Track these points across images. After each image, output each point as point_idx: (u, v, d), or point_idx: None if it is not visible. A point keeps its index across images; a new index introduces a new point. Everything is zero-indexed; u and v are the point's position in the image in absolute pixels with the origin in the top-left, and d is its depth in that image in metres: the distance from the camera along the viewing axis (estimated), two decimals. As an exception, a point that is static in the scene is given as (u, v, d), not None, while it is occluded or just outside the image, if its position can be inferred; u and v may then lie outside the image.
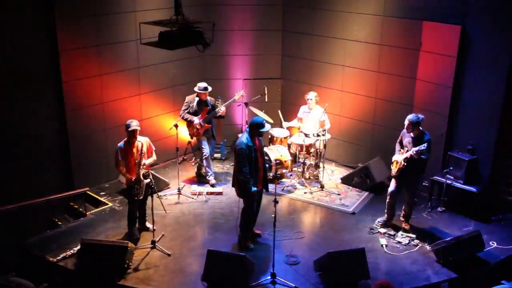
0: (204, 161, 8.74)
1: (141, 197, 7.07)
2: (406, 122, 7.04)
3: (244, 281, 6.12)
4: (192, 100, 8.55)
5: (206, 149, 8.67)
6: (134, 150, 6.94)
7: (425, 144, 6.83)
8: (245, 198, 6.90)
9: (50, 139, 7.91)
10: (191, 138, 8.74)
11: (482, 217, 7.71)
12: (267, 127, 6.90)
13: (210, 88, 8.56)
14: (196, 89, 8.50)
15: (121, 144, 6.98)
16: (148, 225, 7.36)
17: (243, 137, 6.77)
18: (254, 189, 6.75)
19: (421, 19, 8.11)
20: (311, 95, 8.92)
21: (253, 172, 6.74)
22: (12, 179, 7.41)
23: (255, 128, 6.75)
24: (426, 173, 7.52)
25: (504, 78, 7.41)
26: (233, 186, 7.05)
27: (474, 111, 7.81)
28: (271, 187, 7.05)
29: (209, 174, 8.81)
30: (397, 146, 7.38)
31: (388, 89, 8.85)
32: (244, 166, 6.63)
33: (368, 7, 8.77)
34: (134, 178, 6.94)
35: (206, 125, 8.58)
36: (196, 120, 8.49)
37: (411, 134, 7.07)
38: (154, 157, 7.18)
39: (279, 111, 9.29)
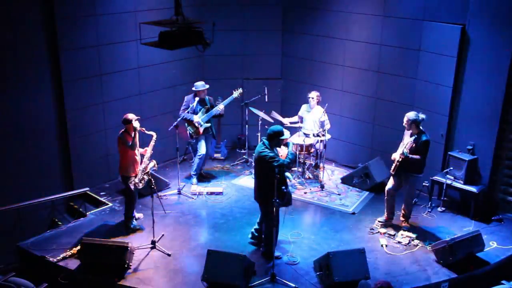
0: (198, 160, 8.74)
1: (141, 186, 7.19)
2: (405, 119, 7.08)
3: (244, 281, 6.12)
4: (191, 100, 8.55)
5: (202, 148, 8.67)
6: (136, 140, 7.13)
7: (412, 141, 6.94)
8: (268, 213, 6.40)
9: (50, 139, 7.91)
10: (191, 137, 8.74)
11: (482, 217, 7.71)
12: (287, 134, 6.44)
13: (207, 85, 8.56)
14: (194, 88, 8.51)
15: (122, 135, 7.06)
16: (137, 215, 7.58)
17: (265, 150, 6.21)
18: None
19: (421, 19, 8.12)
20: (313, 94, 8.94)
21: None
22: (12, 179, 7.41)
23: (275, 136, 6.25)
24: (426, 173, 7.51)
25: (504, 78, 7.41)
26: (255, 199, 6.64)
27: (474, 111, 7.81)
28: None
29: (194, 174, 8.84)
30: (401, 146, 7.36)
31: (388, 89, 8.85)
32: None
33: (368, 7, 8.77)
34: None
35: (205, 124, 8.58)
36: (196, 118, 8.50)
37: (411, 132, 7.09)
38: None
39: (273, 111, 9.24)
